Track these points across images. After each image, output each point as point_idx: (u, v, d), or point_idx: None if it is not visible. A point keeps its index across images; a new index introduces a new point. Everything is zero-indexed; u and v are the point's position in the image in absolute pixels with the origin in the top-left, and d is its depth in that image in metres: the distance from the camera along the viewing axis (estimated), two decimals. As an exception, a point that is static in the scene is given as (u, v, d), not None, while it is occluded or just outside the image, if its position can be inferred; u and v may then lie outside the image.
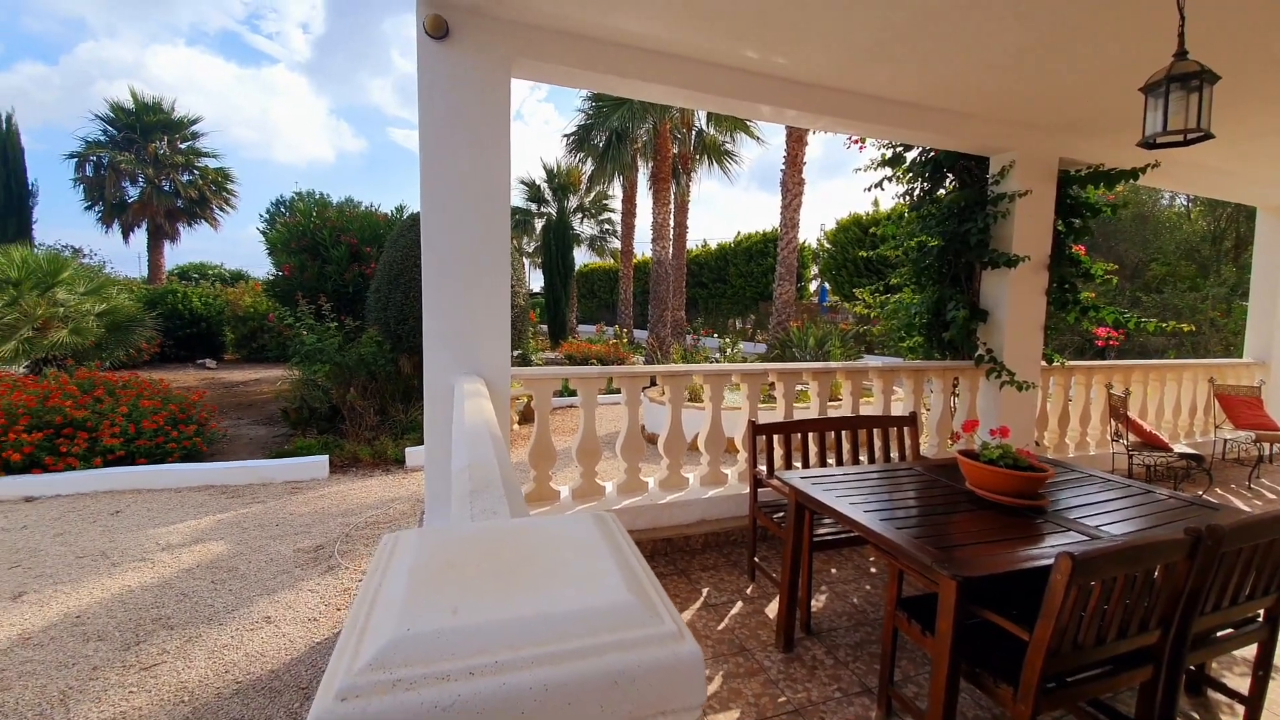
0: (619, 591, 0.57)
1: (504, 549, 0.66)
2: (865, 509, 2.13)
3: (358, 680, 0.44)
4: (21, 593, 3.24)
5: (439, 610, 0.52)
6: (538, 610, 0.53)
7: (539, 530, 0.72)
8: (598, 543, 0.69)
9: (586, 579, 0.59)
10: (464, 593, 0.55)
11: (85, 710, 2.32)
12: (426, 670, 0.46)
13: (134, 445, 5.17)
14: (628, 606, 0.55)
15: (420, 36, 2.89)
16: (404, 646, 0.47)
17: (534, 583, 0.58)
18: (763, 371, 3.56)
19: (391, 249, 7.47)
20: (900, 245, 4.77)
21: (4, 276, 7.66)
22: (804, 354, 7.41)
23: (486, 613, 0.52)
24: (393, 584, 0.57)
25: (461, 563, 0.62)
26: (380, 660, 0.46)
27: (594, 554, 0.66)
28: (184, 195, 20.27)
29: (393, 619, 0.50)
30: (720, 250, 21.69)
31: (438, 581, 0.58)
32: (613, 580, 0.59)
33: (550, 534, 0.71)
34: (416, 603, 0.53)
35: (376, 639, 0.48)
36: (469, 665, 0.47)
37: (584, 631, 0.51)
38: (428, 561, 0.62)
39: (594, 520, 0.76)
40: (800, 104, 3.47)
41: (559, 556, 0.65)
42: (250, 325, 12.81)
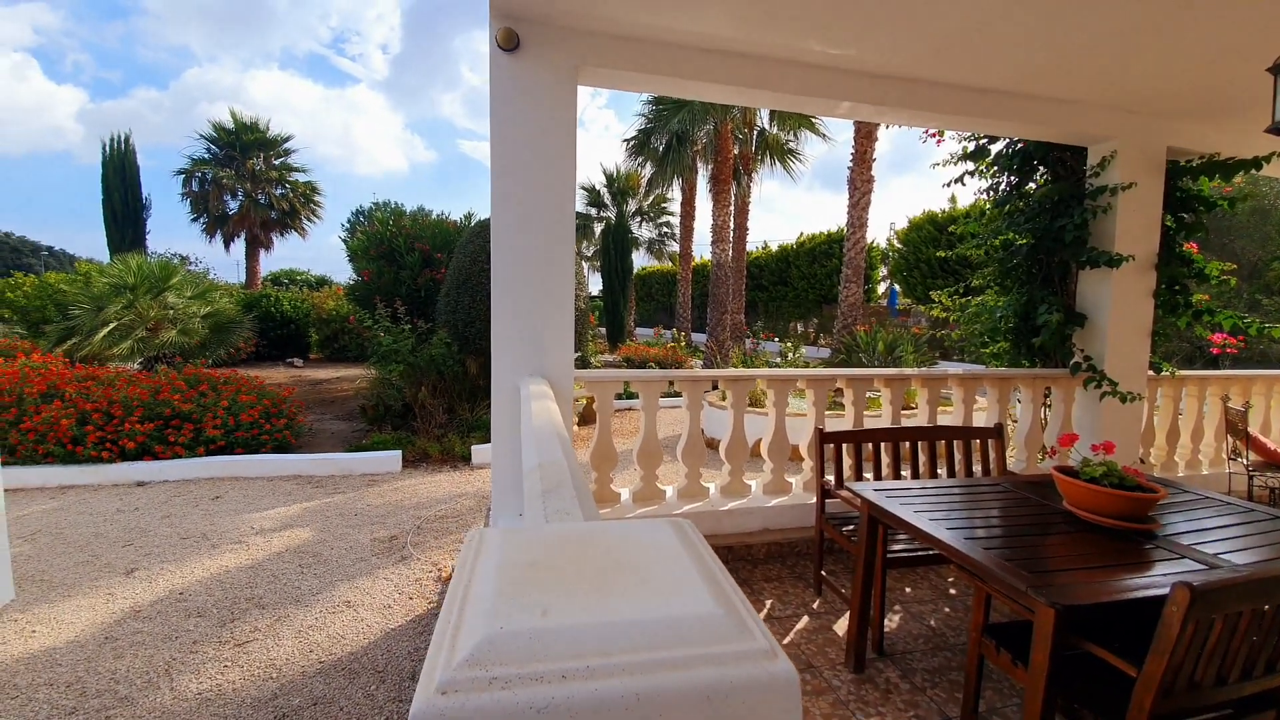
0: (707, 603, 0.54)
1: (585, 552, 0.65)
2: (947, 526, 1.99)
3: (456, 675, 0.45)
4: (134, 569, 3.58)
5: (529, 610, 0.51)
6: (625, 617, 0.51)
7: (618, 534, 0.70)
8: (679, 550, 0.66)
9: (672, 588, 0.57)
10: (551, 594, 0.55)
11: (186, 681, 2.52)
12: (520, 670, 0.45)
13: (233, 436, 5.63)
14: (717, 619, 0.52)
15: (492, 49, 2.98)
16: (498, 645, 0.47)
17: (619, 588, 0.57)
18: (830, 377, 3.42)
19: (460, 255, 7.79)
20: (984, 244, 4.47)
21: (122, 282, 8.56)
22: (872, 359, 7.09)
23: (575, 616, 0.51)
24: (482, 581, 0.58)
25: (545, 563, 0.62)
26: (476, 657, 0.46)
27: (676, 562, 0.63)
28: (277, 207, 22.03)
29: (485, 617, 0.50)
30: (781, 252, 21.21)
31: (524, 581, 0.57)
32: (699, 591, 0.57)
33: (629, 539, 0.69)
34: (506, 602, 0.53)
35: (471, 636, 0.48)
36: (561, 668, 0.46)
37: (673, 642, 0.49)
38: (513, 561, 0.62)
39: (672, 527, 0.74)
40: (874, 98, 3.33)
41: (641, 562, 0.63)
42: (332, 327, 13.69)
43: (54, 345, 7.76)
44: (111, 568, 3.57)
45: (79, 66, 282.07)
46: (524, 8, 2.86)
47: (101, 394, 5.56)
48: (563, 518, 1.00)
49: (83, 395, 5.54)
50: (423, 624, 2.96)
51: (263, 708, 2.35)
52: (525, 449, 1.56)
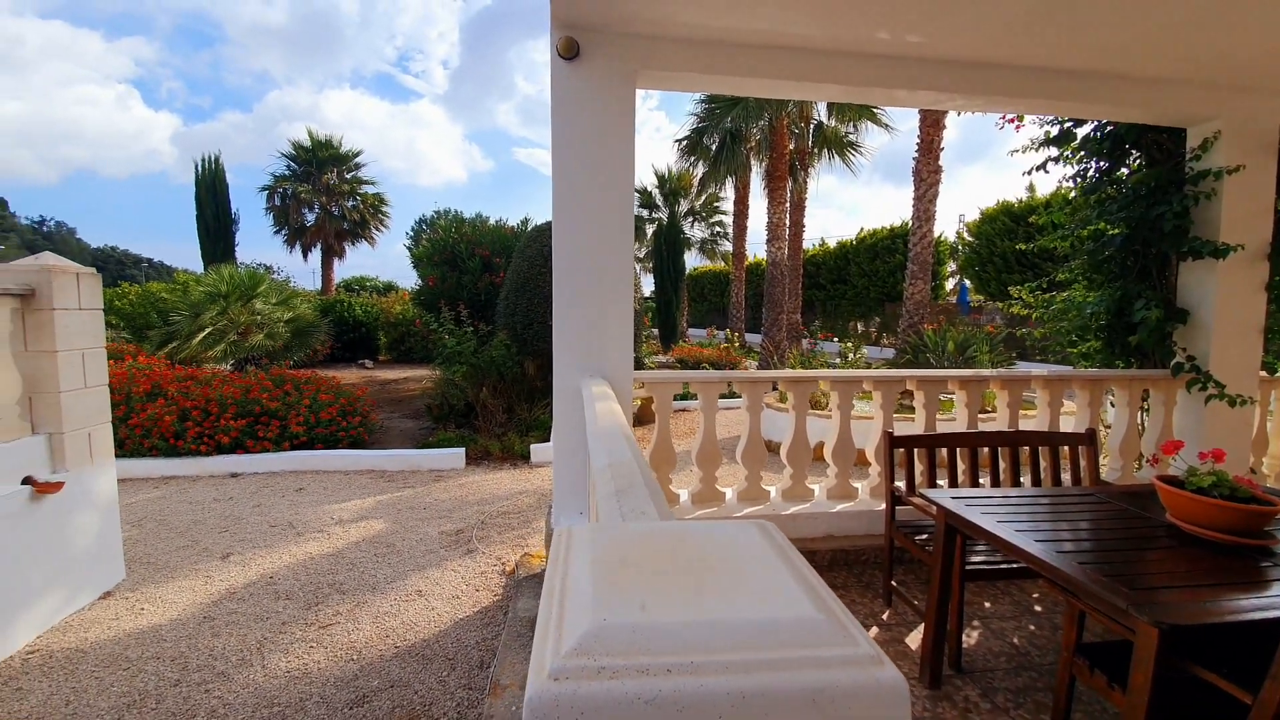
0: (805, 606, 0.53)
1: (673, 551, 0.65)
2: (1035, 538, 1.87)
3: (566, 663, 0.46)
4: (229, 553, 3.89)
5: (628, 605, 0.52)
6: (724, 616, 0.51)
7: (704, 534, 0.70)
8: (767, 552, 0.66)
9: (767, 590, 0.57)
10: (647, 591, 0.55)
11: (276, 660, 2.71)
12: (626, 662, 0.46)
13: (314, 432, 6.02)
14: (817, 623, 0.51)
15: (553, 58, 3.05)
16: (602, 637, 0.48)
17: (713, 588, 0.57)
18: (898, 379, 3.28)
19: (519, 259, 8.00)
20: (1070, 235, 4.16)
21: (216, 290, 9.31)
22: (941, 360, 6.75)
23: (673, 613, 0.51)
24: (578, 575, 0.59)
25: (636, 560, 0.63)
26: (582, 647, 0.47)
27: (767, 564, 0.63)
28: (349, 218, 23.39)
29: (587, 609, 0.51)
30: (840, 248, 20.57)
31: (619, 577, 0.58)
32: (795, 593, 0.56)
33: (715, 539, 0.69)
34: (605, 596, 0.54)
35: (575, 627, 0.49)
36: (665, 663, 0.46)
37: (775, 644, 0.49)
38: (605, 557, 0.63)
39: (758, 529, 0.73)
40: (946, 85, 3.17)
41: (731, 563, 0.63)
42: (399, 330, 14.40)
43: (156, 348, 8.55)
44: (209, 552, 3.90)
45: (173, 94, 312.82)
46: (584, 16, 2.92)
47: (199, 393, 6.07)
48: (639, 517, 1.00)
49: (183, 394, 6.06)
50: (489, 615, 3.06)
51: (345, 687, 2.49)
52: (593, 449, 1.59)
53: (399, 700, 2.41)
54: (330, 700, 2.41)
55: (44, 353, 3.16)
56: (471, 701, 2.39)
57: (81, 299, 3.31)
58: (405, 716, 2.30)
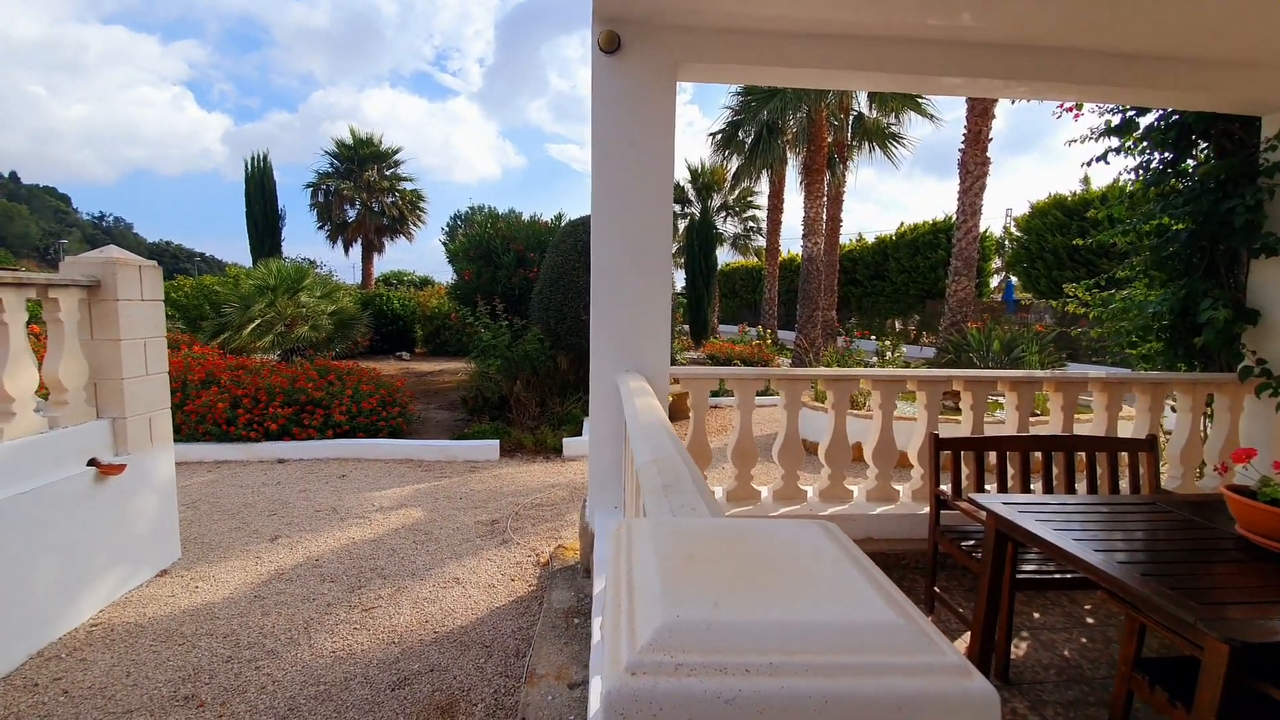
0: (885, 611, 0.52)
1: (737, 548, 0.64)
2: (1095, 547, 1.79)
3: (643, 659, 0.45)
4: (277, 536, 4.04)
5: (700, 602, 0.51)
6: (801, 617, 0.50)
7: (765, 532, 0.69)
8: (835, 554, 0.64)
9: (841, 592, 0.55)
10: (718, 588, 0.54)
11: (322, 640, 2.81)
12: (703, 660, 0.45)
13: (356, 421, 6.21)
14: (900, 629, 0.49)
15: (593, 53, 3.05)
16: (677, 633, 0.47)
17: (784, 588, 0.55)
18: (945, 379, 3.18)
19: (553, 254, 8.06)
20: (1131, 230, 3.96)
21: (265, 284, 9.65)
22: (985, 359, 6.51)
23: (748, 612, 0.50)
24: (644, 570, 0.58)
25: (700, 557, 0.61)
26: (658, 643, 0.46)
27: (836, 565, 0.61)
28: (388, 214, 23.99)
29: (658, 605, 0.51)
30: (879, 244, 20.05)
31: (687, 573, 0.57)
32: (871, 597, 0.54)
33: (779, 538, 0.67)
34: (675, 592, 0.53)
35: (649, 622, 0.48)
36: (743, 662, 0.45)
37: (857, 648, 0.47)
38: (670, 552, 0.62)
39: (821, 529, 0.71)
40: (1001, 71, 3.05)
41: (799, 563, 0.61)
42: (435, 323, 14.68)
43: (209, 339, 8.92)
44: (259, 534, 4.06)
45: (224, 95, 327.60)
46: (625, 9, 2.90)
47: (250, 381, 6.32)
48: (689, 513, 0.99)
49: (234, 382, 6.32)
50: (524, 605, 3.10)
51: (387, 669, 2.57)
52: (636, 444, 1.58)
53: (438, 684, 2.46)
54: (373, 681, 2.48)
55: (109, 341, 3.33)
56: (508, 689, 2.43)
57: (144, 290, 3.48)
58: (444, 701, 2.35)
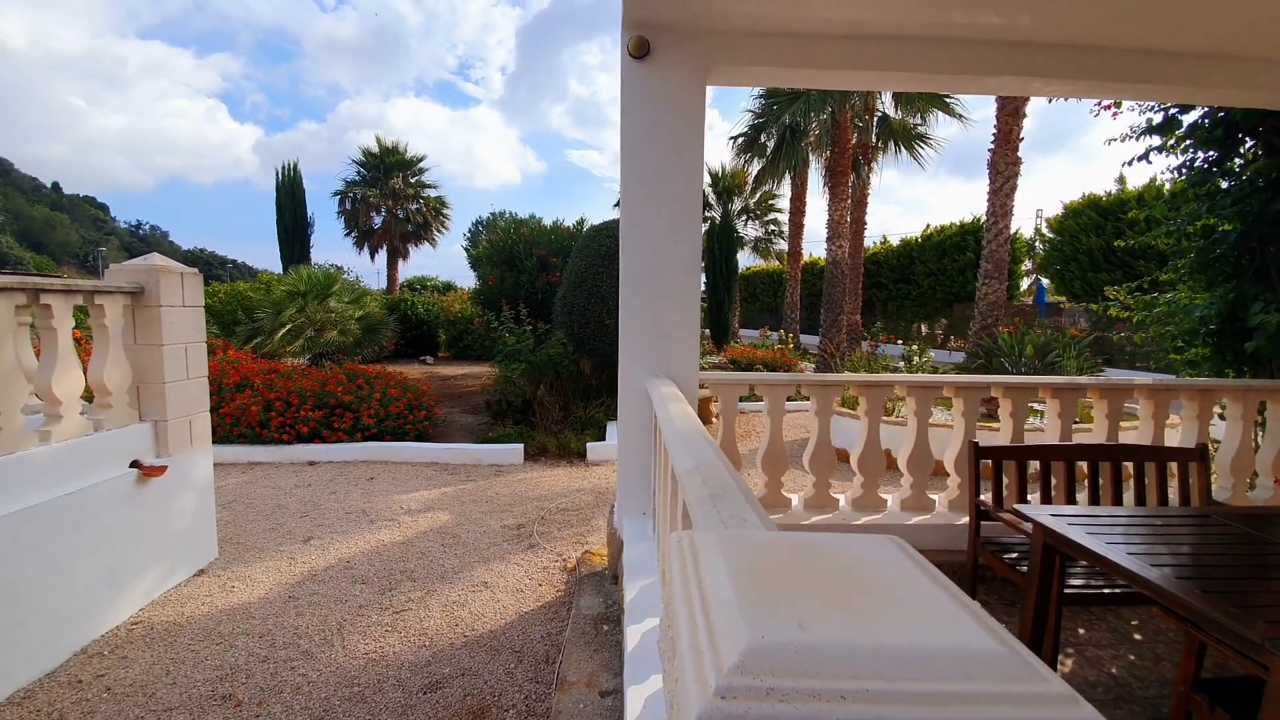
0: (982, 636, 0.49)
1: (810, 564, 0.62)
2: (1151, 562, 1.71)
3: (732, 682, 0.43)
4: (310, 537, 4.11)
5: (784, 622, 0.49)
6: (893, 641, 0.47)
7: (837, 548, 0.66)
8: (915, 571, 0.61)
9: (929, 613, 0.52)
10: (799, 607, 0.52)
11: (355, 642, 2.84)
12: (794, 684, 0.43)
13: (384, 425, 6.30)
14: (1002, 656, 0.47)
15: (623, 58, 3.05)
16: (764, 655, 0.45)
17: (868, 607, 0.53)
18: (983, 385, 3.09)
19: (576, 259, 8.10)
20: (1175, 231, 3.81)
21: (296, 290, 9.89)
22: (1017, 365, 6.34)
23: (835, 634, 0.48)
24: (716, 586, 0.56)
25: (773, 573, 0.59)
26: (745, 665, 0.44)
27: (918, 584, 0.58)
28: (413, 221, 24.40)
29: (740, 624, 0.49)
30: (904, 246, 19.74)
31: (764, 590, 0.55)
32: (963, 619, 0.51)
33: (851, 553, 0.65)
34: (755, 610, 0.51)
35: (733, 642, 0.46)
36: (837, 688, 0.43)
37: (958, 675, 0.45)
38: (741, 566, 0.60)
39: (894, 544, 0.68)
40: (1040, 70, 2.97)
41: (878, 581, 0.58)
42: (458, 328, 14.86)
43: (243, 343, 9.16)
44: (292, 535, 4.13)
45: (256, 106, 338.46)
46: (655, 14, 2.90)
47: (282, 385, 6.46)
48: (740, 524, 0.97)
49: (267, 386, 6.47)
50: (552, 611, 3.10)
51: (419, 672, 2.58)
52: (675, 451, 1.56)
53: (469, 689, 2.46)
54: (406, 684, 2.50)
55: (151, 346, 3.43)
56: (539, 695, 2.42)
57: (185, 296, 3.58)
58: (476, 706, 2.35)
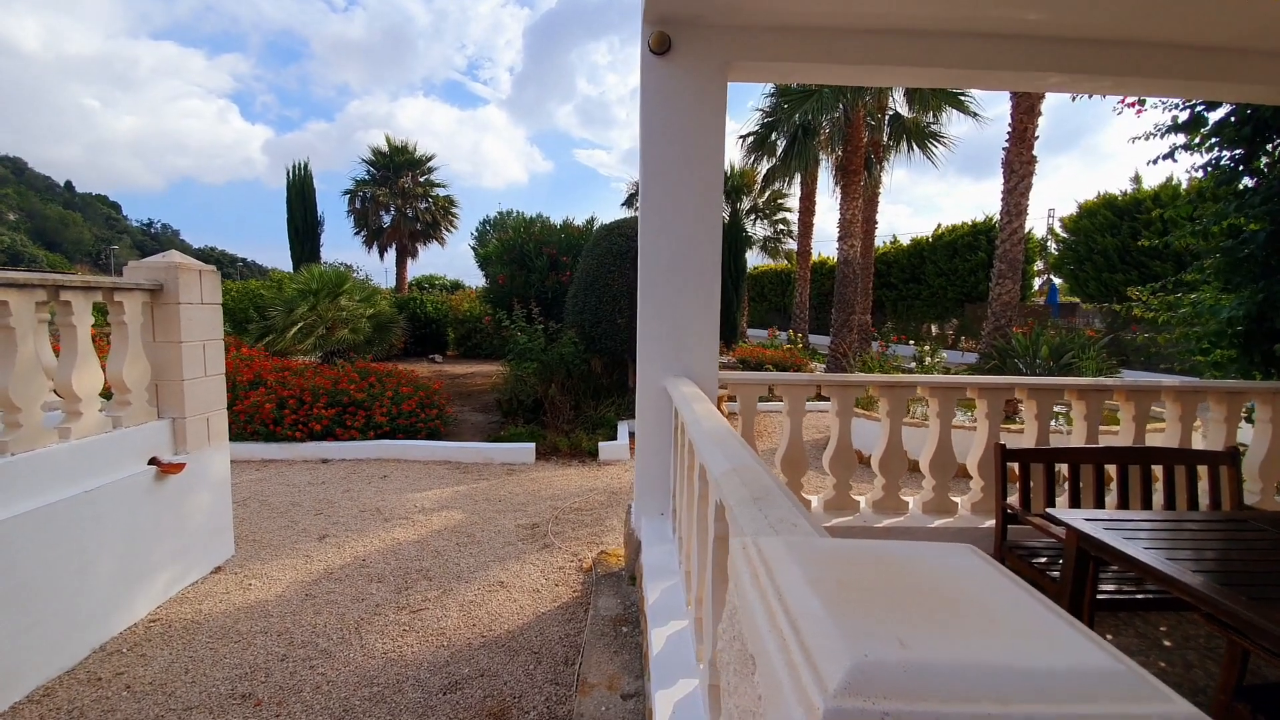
0: (1095, 653, 0.46)
1: (889, 574, 0.59)
2: (1191, 567, 1.67)
3: (842, 705, 0.41)
4: (325, 535, 4.11)
5: (883, 639, 0.46)
6: (1006, 660, 0.44)
7: (915, 557, 0.63)
8: (1003, 582, 0.58)
9: (1031, 628, 0.49)
10: (895, 621, 0.49)
11: (372, 641, 2.83)
12: (908, 708, 0.41)
13: (395, 423, 6.31)
14: (1118, 674, 0.44)
15: (643, 54, 3.02)
16: (871, 676, 0.42)
17: (966, 623, 0.50)
18: (1008, 386, 3.04)
19: (587, 258, 8.07)
20: (1200, 230, 3.75)
21: (307, 288, 9.92)
22: (1032, 366, 6.26)
23: (942, 651, 0.45)
24: (800, 596, 0.54)
25: (856, 584, 0.57)
26: (853, 686, 0.42)
27: (1011, 596, 0.55)
28: (421, 220, 24.49)
29: (835, 639, 0.46)
30: (914, 246, 19.60)
31: (850, 602, 0.52)
32: (1072, 636, 0.48)
33: (932, 563, 0.62)
34: (851, 625, 0.48)
35: (835, 661, 0.44)
36: (955, 711, 0.41)
37: (1081, 697, 0.42)
38: (821, 576, 0.57)
39: (973, 552, 0.65)
40: (1067, 65, 2.92)
41: (968, 594, 0.55)
42: (467, 326, 14.86)
43: (255, 341, 9.20)
44: (307, 533, 4.13)
45: (266, 106, 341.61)
46: (676, 9, 2.87)
47: (295, 383, 6.48)
48: (790, 529, 0.94)
49: (280, 383, 6.49)
50: (569, 612, 3.08)
51: (437, 673, 2.57)
52: (706, 452, 1.54)
53: (489, 690, 2.45)
54: (425, 684, 2.48)
55: (170, 343, 3.43)
56: (559, 697, 2.40)
57: (203, 294, 3.58)
58: (496, 707, 2.34)
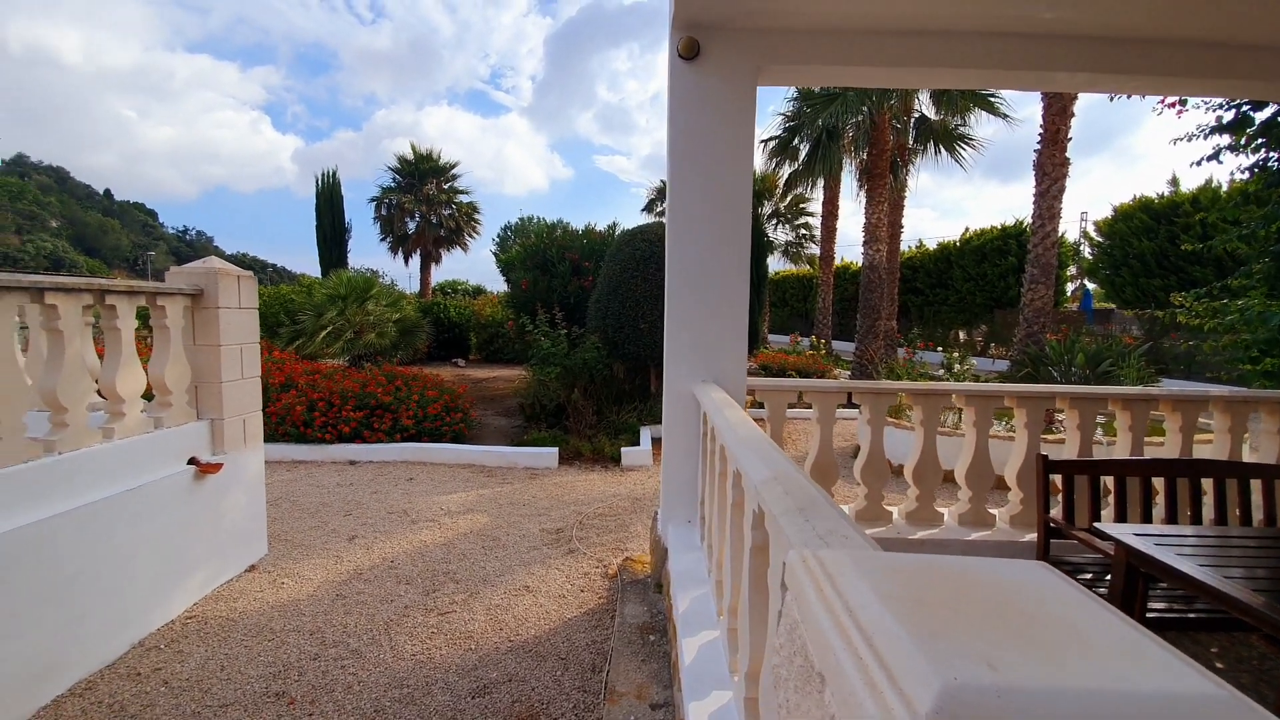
0: (1194, 678, 0.44)
1: (966, 591, 0.57)
2: (1254, 586, 1.59)
3: (937, 733, 0.39)
4: (354, 536, 4.17)
5: (971, 661, 0.44)
6: (1102, 685, 0.42)
7: (989, 574, 0.61)
8: (1085, 601, 0.56)
9: (1126, 651, 0.47)
10: (980, 642, 0.47)
11: (402, 642, 2.85)
12: (1006, 738, 0.39)
13: (421, 426, 6.39)
14: (1222, 701, 0.42)
15: (671, 59, 3.03)
16: (964, 700, 0.41)
17: (1056, 645, 0.48)
18: (1048, 395, 2.95)
19: (610, 263, 8.10)
20: (1247, 234, 3.61)
21: (336, 293, 10.14)
22: (1066, 374, 6.08)
23: (1035, 676, 0.43)
24: (874, 614, 0.52)
25: (930, 601, 0.55)
26: (944, 711, 0.40)
27: (1095, 616, 0.53)
28: (445, 226, 24.86)
29: (921, 660, 0.44)
30: (941, 250, 19.23)
31: (928, 621, 0.51)
32: (1168, 659, 0.46)
33: (1007, 580, 0.60)
34: (934, 645, 0.46)
35: (923, 685, 0.42)
36: (1056, 744, 0.38)
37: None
38: (894, 593, 0.55)
39: (1046, 569, 0.63)
40: (1104, 65, 2.84)
41: (1050, 613, 0.53)
42: (489, 331, 15.03)
43: (286, 344, 9.42)
44: (337, 533, 4.20)
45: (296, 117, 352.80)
46: (705, 14, 2.87)
47: (325, 385, 6.61)
48: (842, 541, 0.92)
49: (310, 386, 6.63)
50: (596, 618, 3.07)
51: (466, 676, 2.58)
52: (743, 459, 1.52)
53: (517, 695, 2.45)
54: (454, 688, 2.50)
55: (209, 346, 3.53)
56: (587, 705, 2.39)
57: (241, 299, 3.68)
58: (525, 713, 2.34)
